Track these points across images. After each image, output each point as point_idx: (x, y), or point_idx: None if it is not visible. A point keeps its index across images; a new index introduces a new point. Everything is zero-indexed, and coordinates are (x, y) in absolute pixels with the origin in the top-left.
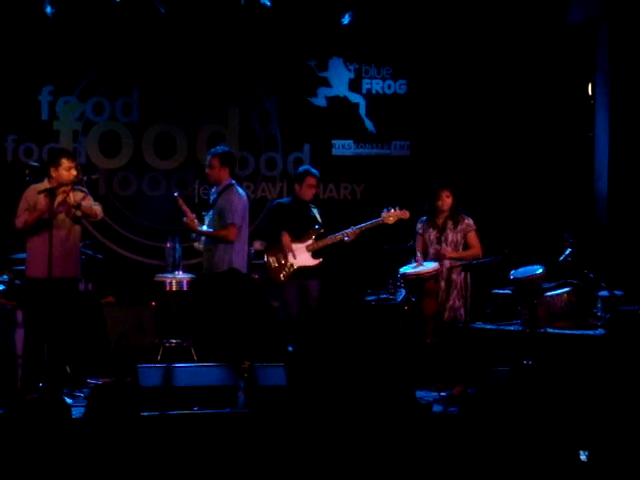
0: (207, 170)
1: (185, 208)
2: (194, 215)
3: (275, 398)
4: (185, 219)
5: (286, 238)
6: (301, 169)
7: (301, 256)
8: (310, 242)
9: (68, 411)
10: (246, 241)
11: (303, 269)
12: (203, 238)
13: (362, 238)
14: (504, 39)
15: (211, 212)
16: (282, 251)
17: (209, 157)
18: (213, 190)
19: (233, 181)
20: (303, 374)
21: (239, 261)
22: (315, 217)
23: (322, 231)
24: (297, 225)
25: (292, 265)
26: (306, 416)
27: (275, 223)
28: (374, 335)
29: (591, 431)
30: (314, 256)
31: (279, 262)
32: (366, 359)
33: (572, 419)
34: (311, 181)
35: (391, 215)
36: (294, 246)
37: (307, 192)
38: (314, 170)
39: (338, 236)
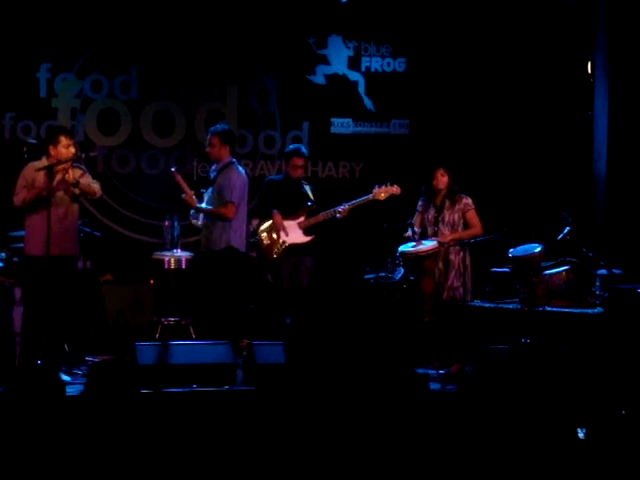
0: (208, 149)
1: (183, 184)
2: (193, 192)
3: (274, 375)
4: (183, 195)
5: (277, 216)
6: (289, 148)
7: (293, 233)
8: (302, 219)
9: (62, 388)
10: (245, 219)
11: (295, 246)
12: (202, 215)
13: (361, 216)
14: (503, 17)
15: (210, 190)
16: (274, 228)
17: (209, 135)
18: (213, 168)
19: (234, 159)
20: (301, 350)
21: (237, 239)
22: (307, 194)
23: (314, 208)
24: (289, 202)
25: (284, 242)
26: (305, 393)
27: (266, 200)
28: (372, 312)
29: (589, 409)
30: (306, 233)
31: (271, 239)
32: (364, 336)
33: (570, 397)
34: (297, 162)
35: (382, 191)
36: (286, 223)
37: (293, 172)
38: (303, 150)
39: (329, 213)
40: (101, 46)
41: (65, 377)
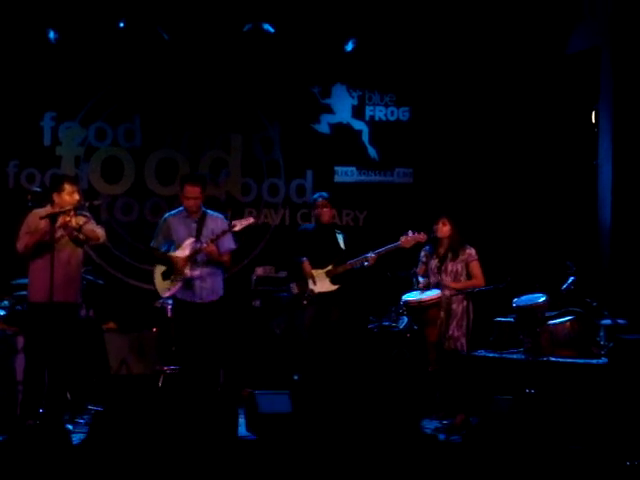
0: (191, 202)
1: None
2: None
3: (277, 425)
4: (205, 245)
5: (306, 264)
6: (313, 196)
7: (321, 282)
8: (330, 267)
9: (68, 437)
10: None
11: (324, 295)
12: (197, 269)
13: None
14: (507, 68)
15: (204, 238)
16: (303, 277)
17: (190, 187)
18: (179, 216)
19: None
20: (308, 401)
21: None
22: (338, 242)
23: (341, 256)
24: (319, 251)
25: (312, 291)
26: (309, 443)
27: (297, 249)
28: (378, 363)
29: (594, 460)
30: (333, 282)
31: (300, 288)
32: (371, 387)
33: (575, 448)
34: (319, 202)
35: (409, 239)
36: (315, 272)
37: (320, 215)
38: (324, 193)
39: (357, 261)
40: (105, 95)
41: (67, 426)
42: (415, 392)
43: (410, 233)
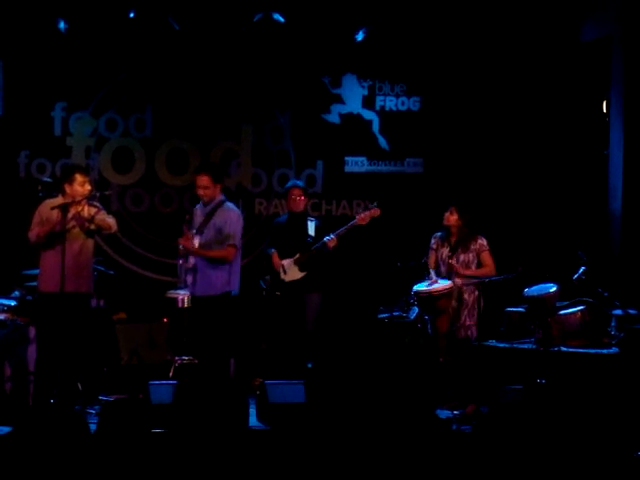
0: (201, 191)
1: (186, 228)
2: (191, 233)
3: (288, 415)
4: (181, 239)
5: (274, 256)
6: (285, 186)
7: (290, 271)
8: (297, 255)
9: (86, 426)
10: (240, 260)
11: (296, 283)
12: (191, 258)
13: (374, 254)
14: (518, 57)
15: (206, 231)
16: (275, 269)
17: (199, 176)
18: (200, 207)
19: (223, 196)
20: (319, 390)
21: (234, 283)
22: (306, 230)
23: (308, 243)
24: (290, 241)
25: (283, 280)
26: (321, 433)
27: (269, 241)
28: (389, 353)
29: (603, 451)
30: (301, 269)
31: (273, 279)
32: (381, 377)
33: (585, 439)
34: (294, 192)
35: (363, 216)
36: (284, 262)
37: (294, 204)
38: (298, 182)
39: (319, 246)
40: (116, 85)
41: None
42: (428, 381)
43: (366, 210)
